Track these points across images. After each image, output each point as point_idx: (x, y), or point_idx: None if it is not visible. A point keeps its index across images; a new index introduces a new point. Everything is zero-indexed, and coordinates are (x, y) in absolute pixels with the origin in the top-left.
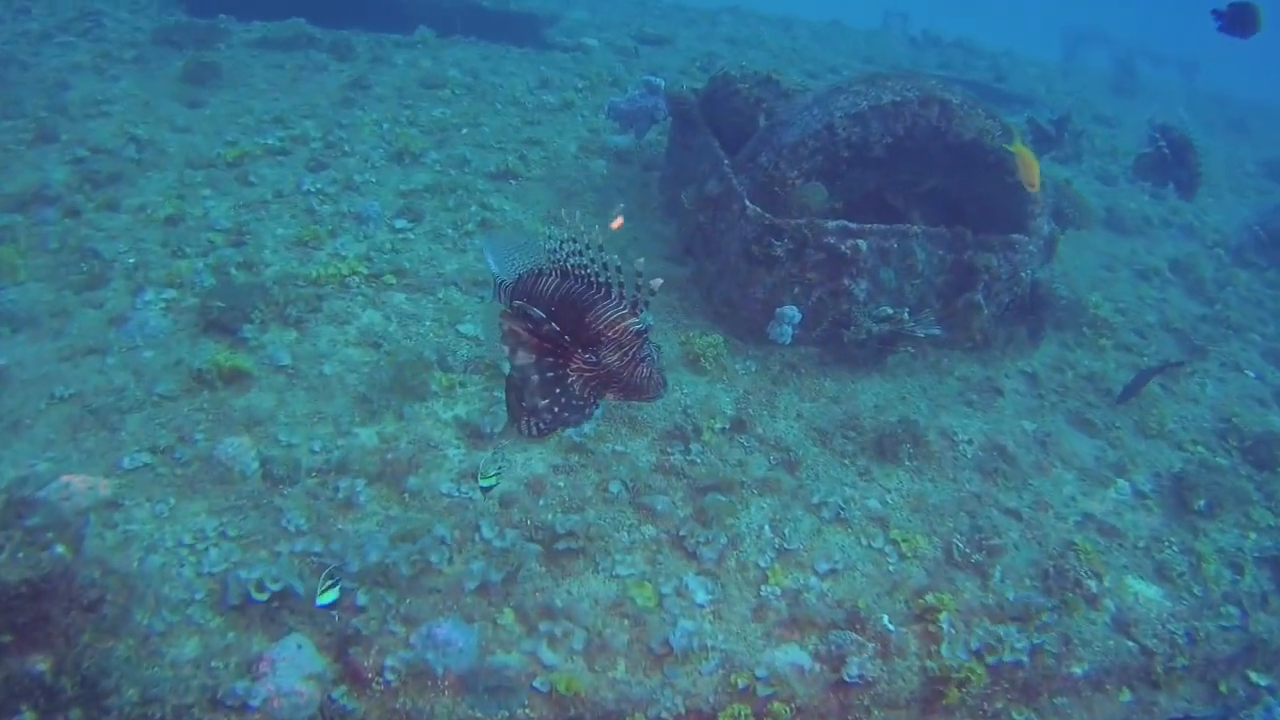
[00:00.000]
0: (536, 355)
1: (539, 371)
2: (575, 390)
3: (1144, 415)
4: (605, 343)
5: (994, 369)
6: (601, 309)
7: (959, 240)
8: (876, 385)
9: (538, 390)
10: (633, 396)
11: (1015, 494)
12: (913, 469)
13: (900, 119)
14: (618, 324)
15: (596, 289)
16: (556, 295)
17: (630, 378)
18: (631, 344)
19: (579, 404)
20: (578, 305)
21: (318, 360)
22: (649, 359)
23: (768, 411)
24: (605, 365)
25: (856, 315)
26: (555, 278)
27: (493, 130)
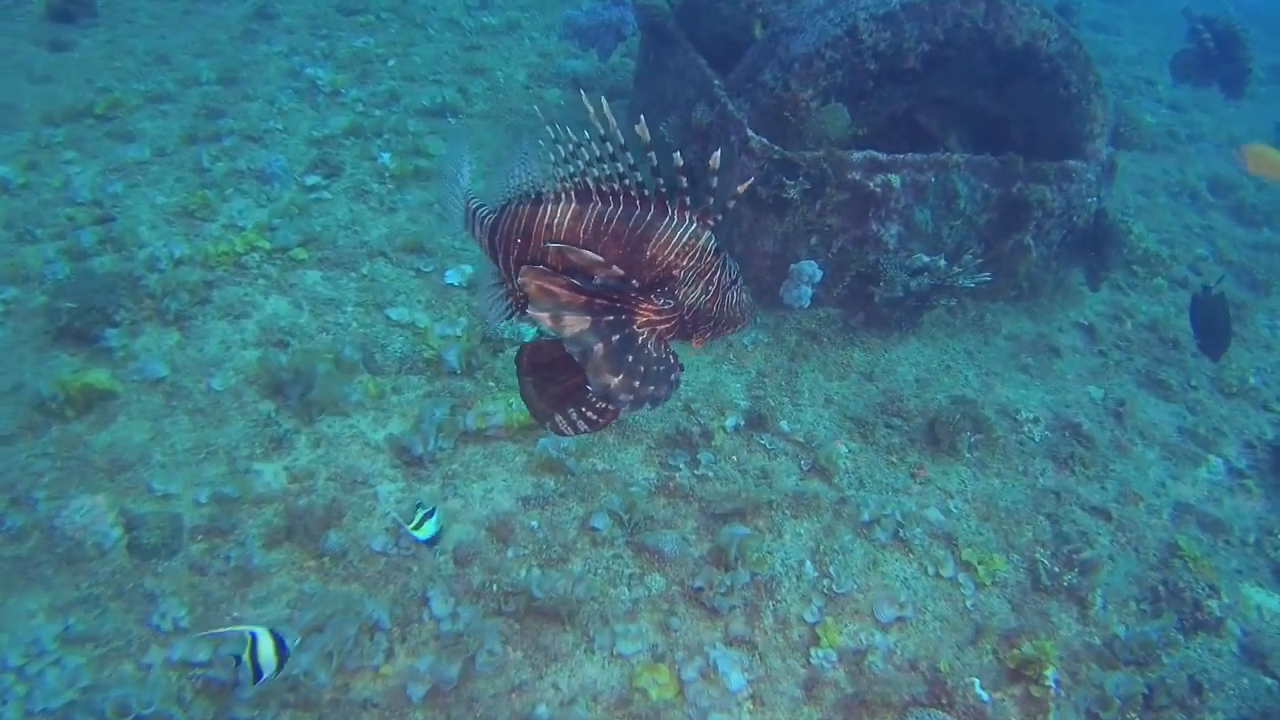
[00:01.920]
0: (592, 317)
1: (601, 338)
2: (652, 351)
3: (1218, 369)
4: (681, 275)
5: (1045, 322)
6: (664, 231)
7: (1008, 170)
8: (914, 352)
9: (604, 365)
10: (723, 332)
11: (1097, 485)
12: (975, 462)
13: (939, 20)
14: (692, 246)
15: (645, 204)
16: (583, 225)
17: (722, 311)
18: (713, 266)
19: (662, 368)
20: (627, 234)
21: (206, 370)
22: (737, 280)
23: (789, 398)
24: (690, 305)
25: (886, 267)
26: (570, 202)
27: (425, 60)
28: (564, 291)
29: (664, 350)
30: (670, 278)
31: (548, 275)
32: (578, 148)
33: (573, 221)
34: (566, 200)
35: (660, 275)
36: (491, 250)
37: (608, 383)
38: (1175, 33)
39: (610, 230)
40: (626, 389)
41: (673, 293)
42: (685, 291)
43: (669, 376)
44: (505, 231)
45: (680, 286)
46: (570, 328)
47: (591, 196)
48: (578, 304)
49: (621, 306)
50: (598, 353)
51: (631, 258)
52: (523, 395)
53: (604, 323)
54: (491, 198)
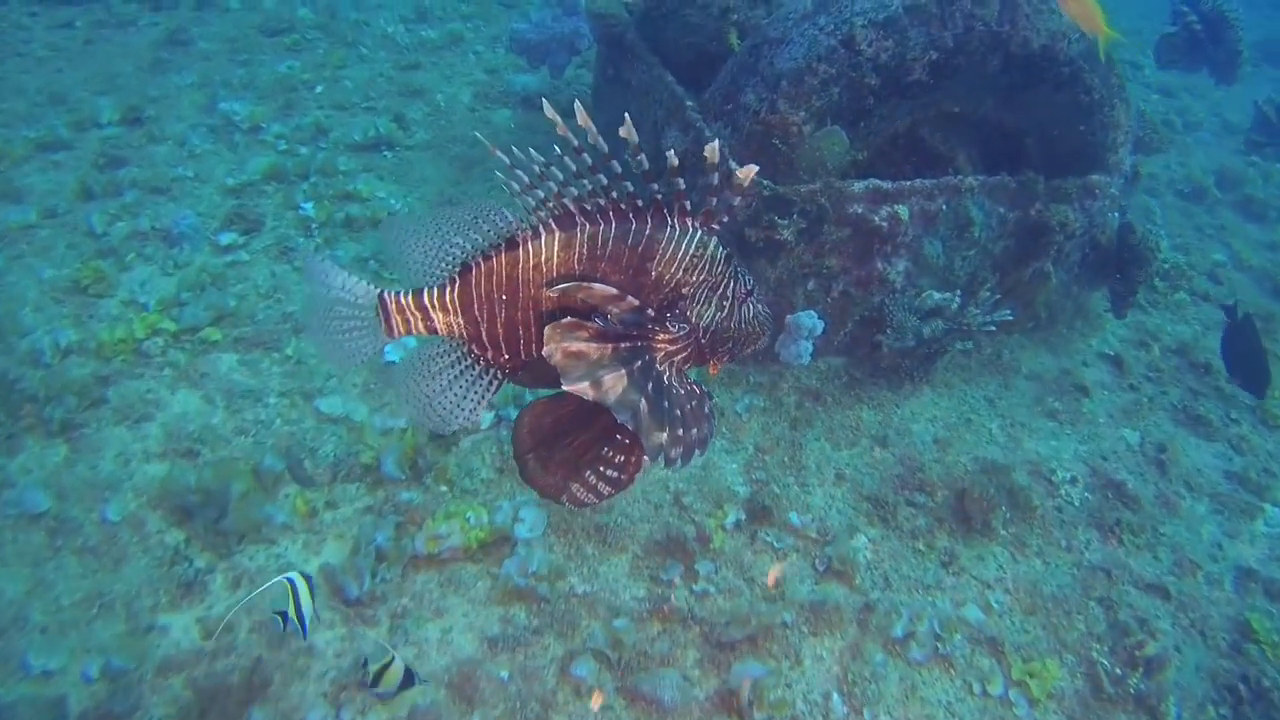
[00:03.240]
0: (625, 368)
1: (641, 391)
2: (678, 387)
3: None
4: (691, 293)
5: (1067, 355)
6: (667, 244)
7: (1027, 191)
8: (929, 405)
9: (651, 422)
10: (741, 351)
11: (1149, 555)
12: (1011, 540)
13: (948, 23)
14: (699, 255)
15: (639, 217)
16: (574, 254)
17: (739, 328)
18: (725, 277)
19: (695, 403)
20: (627, 254)
21: (99, 495)
22: (753, 290)
23: (794, 476)
24: (705, 326)
25: (894, 310)
26: (554, 232)
27: (358, 83)
28: (593, 347)
29: (686, 382)
30: (680, 297)
31: (571, 330)
32: (546, 167)
33: (563, 253)
34: (548, 231)
35: (669, 296)
36: (470, 324)
37: (659, 442)
38: (1156, 10)
39: (607, 253)
40: (674, 441)
41: (685, 314)
42: (698, 311)
43: (704, 410)
44: (482, 294)
45: (692, 306)
46: (612, 390)
47: (576, 219)
48: (609, 357)
49: (643, 345)
50: (643, 410)
51: (635, 281)
52: (526, 478)
53: (637, 370)
54: (424, 274)
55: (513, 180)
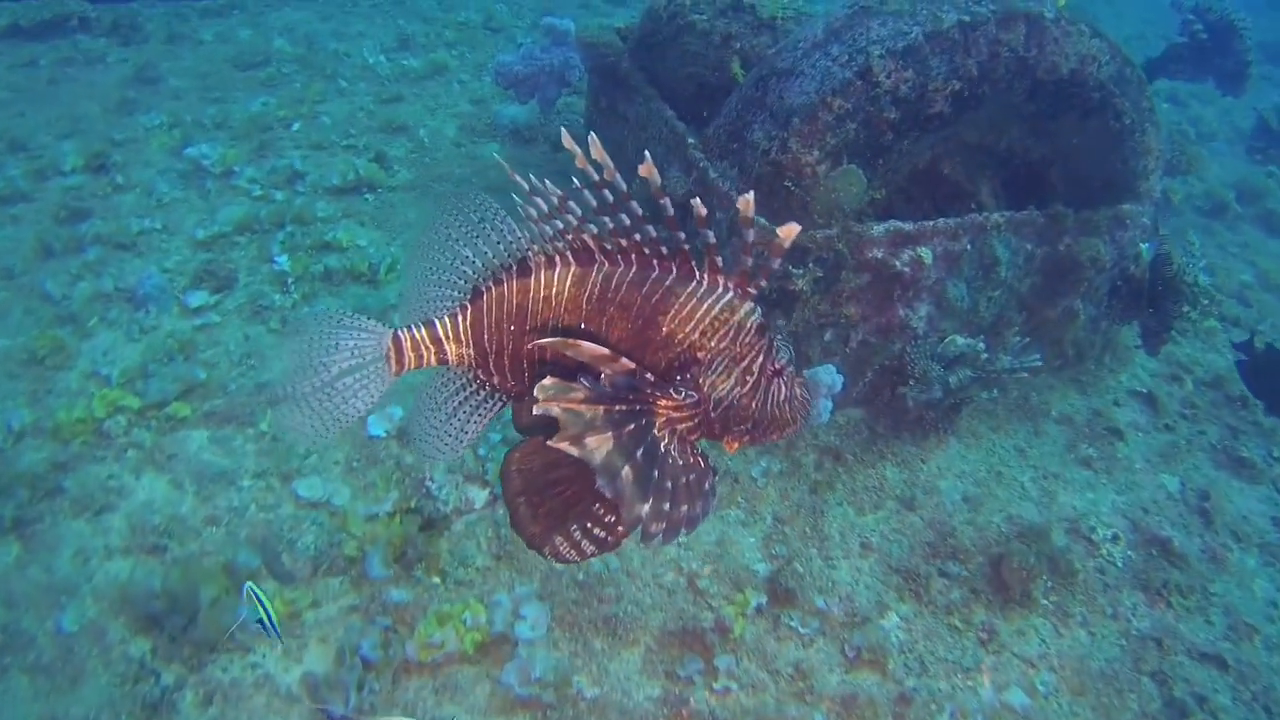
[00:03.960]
0: (614, 431)
1: (627, 457)
2: (676, 458)
3: None
4: (706, 359)
5: (1097, 394)
6: (687, 300)
7: (1055, 225)
8: (955, 458)
9: (634, 492)
10: (766, 437)
11: (1201, 619)
12: (1053, 610)
13: (972, 50)
14: (723, 319)
15: (664, 265)
16: (586, 292)
17: (763, 409)
18: (753, 349)
19: (693, 477)
20: (639, 303)
21: (53, 601)
22: (786, 368)
23: (817, 549)
24: (718, 399)
25: (916, 359)
26: (569, 265)
27: (336, 119)
28: (587, 406)
29: (690, 453)
30: (693, 361)
31: (567, 389)
32: (564, 201)
33: (574, 289)
34: (564, 263)
35: (680, 357)
36: (480, 354)
37: (639, 514)
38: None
39: (618, 298)
40: (658, 516)
41: (695, 382)
42: (712, 381)
43: (702, 487)
44: (492, 323)
45: (705, 374)
46: (598, 452)
47: (595, 256)
48: (600, 417)
49: (639, 408)
50: (626, 478)
51: (642, 334)
52: (512, 522)
53: (626, 435)
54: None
55: (530, 207)
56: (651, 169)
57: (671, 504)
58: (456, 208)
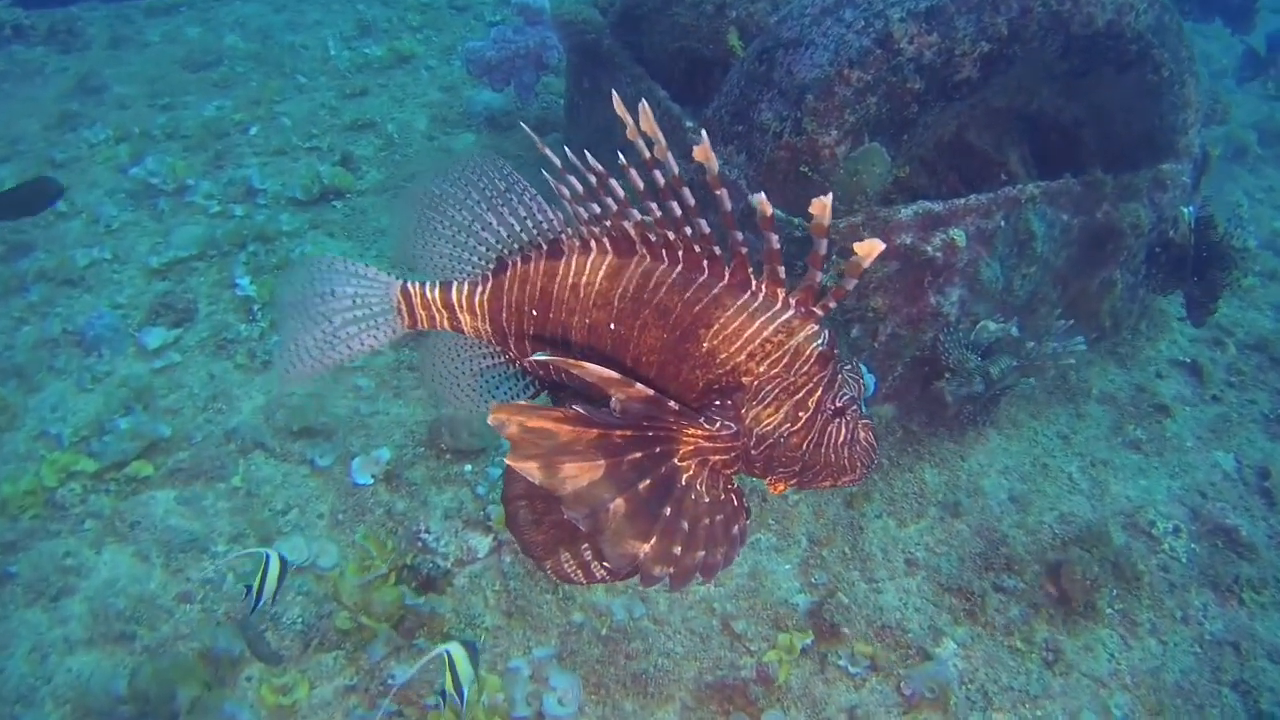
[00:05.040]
0: (607, 458)
1: (621, 487)
2: (701, 495)
3: None
4: (753, 386)
5: (1138, 367)
6: (736, 314)
7: (1093, 192)
8: (997, 453)
9: (627, 528)
10: (817, 483)
11: (1277, 614)
12: (1119, 619)
13: (1002, 7)
14: (777, 342)
15: (715, 268)
16: (619, 288)
17: (816, 451)
18: (811, 380)
19: (719, 518)
20: (679, 309)
21: (6, 713)
22: (849, 407)
23: (859, 571)
24: (762, 434)
25: (950, 349)
26: (605, 254)
27: (297, 119)
28: (565, 428)
29: (720, 488)
30: (737, 386)
31: (534, 411)
32: (605, 180)
33: (607, 282)
34: (600, 251)
35: (721, 379)
36: (497, 334)
37: (634, 552)
38: None
39: (656, 301)
40: (663, 558)
41: (736, 410)
42: (757, 413)
43: (728, 531)
44: (512, 303)
45: (750, 403)
46: (571, 480)
47: (636, 248)
48: (585, 442)
49: (654, 436)
50: (615, 512)
51: (679, 346)
52: (511, 527)
53: (627, 464)
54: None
55: (564, 185)
56: (709, 152)
57: (685, 547)
58: (480, 169)
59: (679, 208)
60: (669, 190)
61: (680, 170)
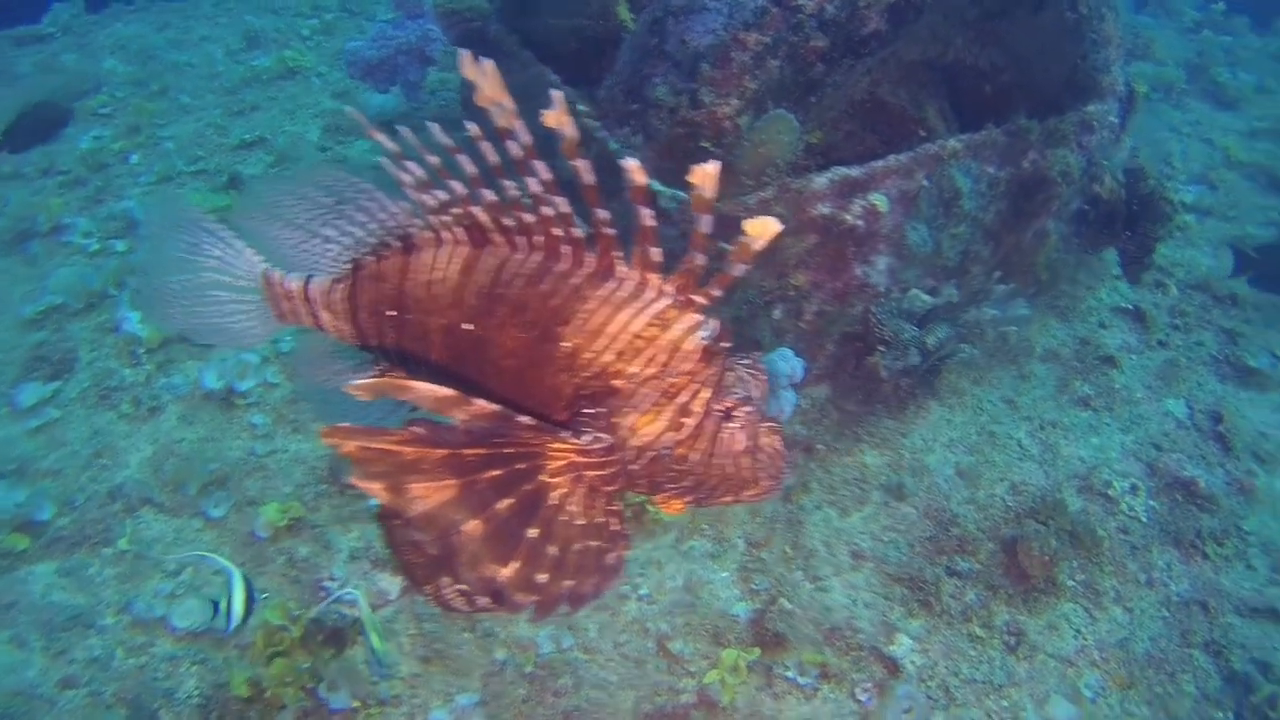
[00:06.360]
0: (460, 477)
1: (477, 508)
2: (574, 516)
3: None
4: (627, 390)
5: (1079, 319)
6: (598, 306)
7: (1018, 141)
8: (940, 426)
9: (485, 551)
10: (716, 499)
11: (1241, 566)
12: (1082, 590)
13: None
14: (648, 337)
15: (576, 255)
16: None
17: (709, 463)
18: (694, 379)
19: (591, 544)
20: (535, 305)
21: None
22: (741, 409)
23: (803, 570)
24: (641, 446)
25: (884, 321)
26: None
27: (181, 142)
28: (408, 449)
29: (598, 510)
30: (609, 391)
31: (372, 431)
32: (454, 155)
33: (460, 277)
34: (455, 242)
35: (590, 385)
36: (359, 335)
37: (492, 575)
38: None
39: (510, 296)
40: (525, 585)
41: (608, 420)
42: (634, 422)
43: (600, 560)
44: (369, 303)
45: (625, 410)
46: (420, 501)
47: (491, 236)
48: (433, 460)
49: (515, 453)
50: (471, 534)
51: (539, 348)
52: (388, 544)
53: (484, 483)
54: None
55: (402, 172)
56: (563, 116)
57: (552, 574)
58: (296, 190)
59: (535, 185)
60: (523, 165)
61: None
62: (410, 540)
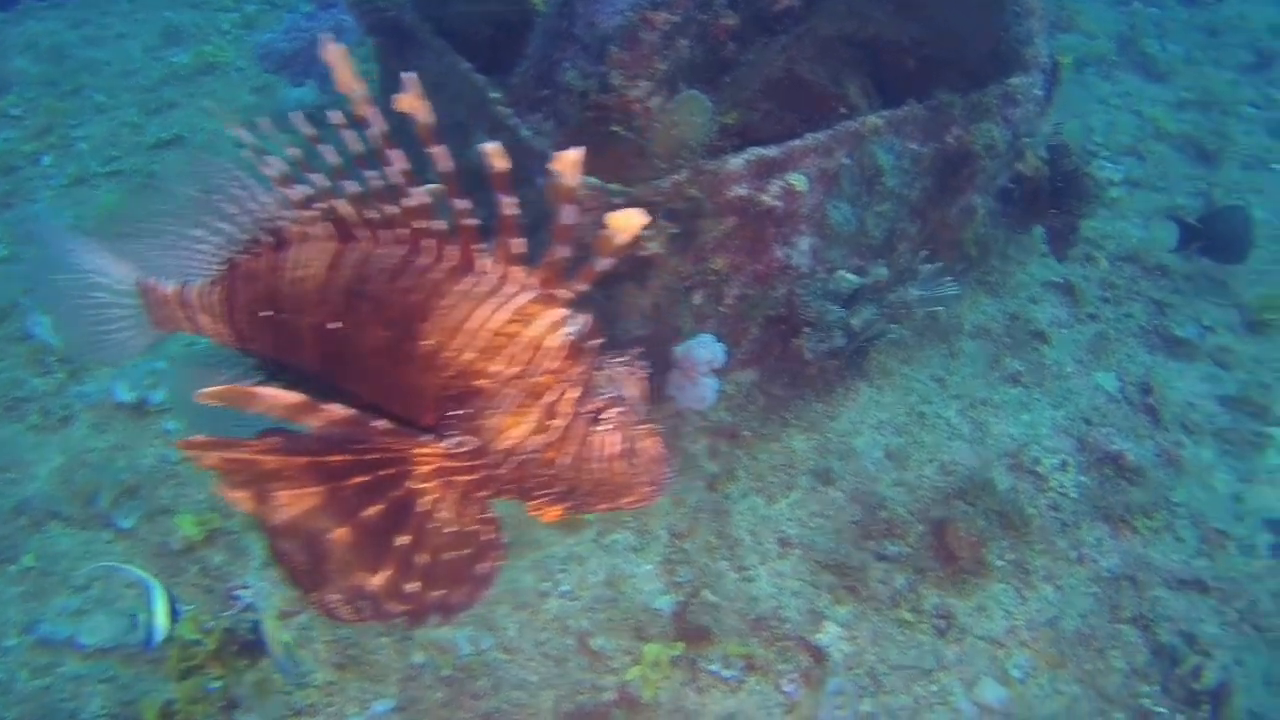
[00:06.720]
0: (325, 483)
1: (341, 515)
2: (445, 522)
3: (1225, 290)
4: (490, 390)
5: (1010, 294)
6: (457, 302)
7: (941, 116)
8: (869, 408)
9: (354, 558)
10: (592, 506)
11: (1170, 538)
12: (1012, 570)
13: None
14: (509, 334)
15: (439, 249)
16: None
17: (580, 467)
18: (560, 378)
19: (464, 554)
20: (395, 302)
21: None
22: (611, 410)
23: (729, 560)
24: (508, 449)
25: (808, 302)
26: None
27: (96, 142)
28: (269, 458)
29: (470, 517)
30: (473, 392)
31: (229, 441)
32: (316, 144)
33: (326, 274)
34: (323, 237)
35: (453, 385)
36: (238, 338)
37: (362, 584)
38: None
39: (371, 292)
40: (395, 594)
41: (473, 421)
42: (498, 423)
43: (469, 569)
44: (244, 304)
45: (489, 411)
46: (285, 509)
47: (356, 230)
48: (297, 467)
49: (382, 455)
50: (339, 541)
51: (400, 348)
52: (270, 553)
53: (350, 489)
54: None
55: (266, 168)
56: (416, 100)
57: (423, 583)
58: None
59: (395, 176)
60: (383, 154)
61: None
62: (284, 549)
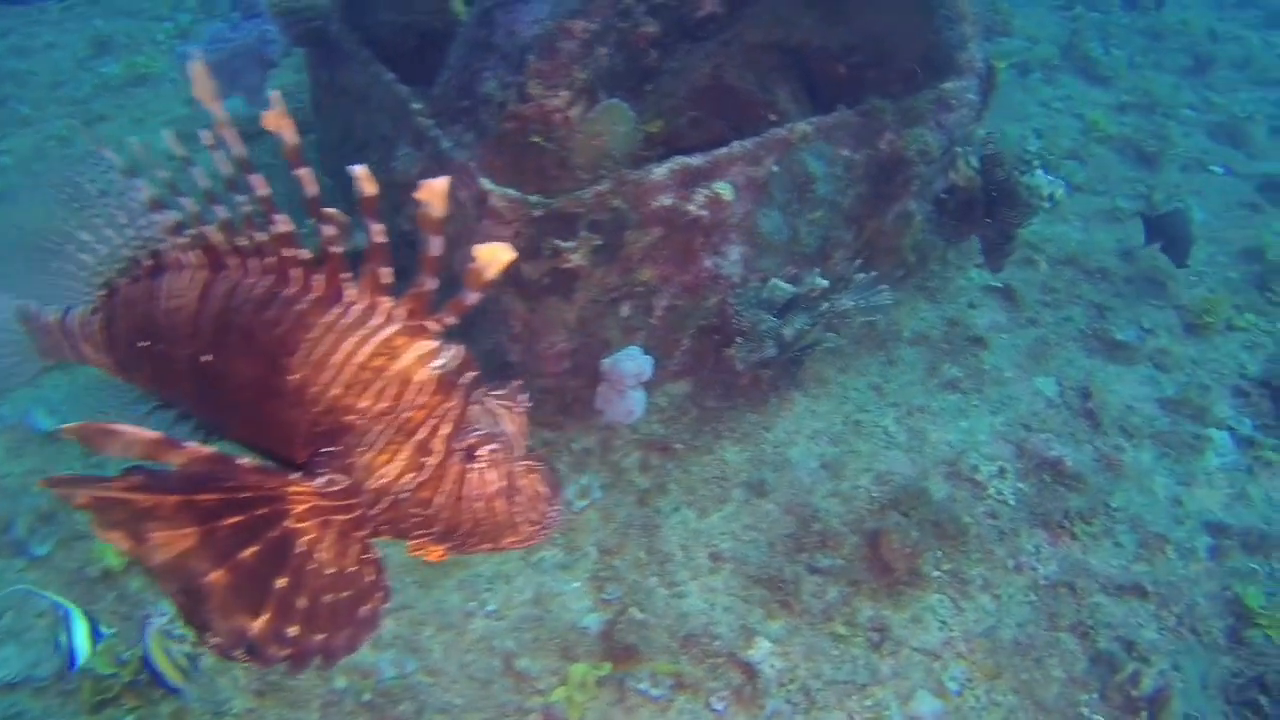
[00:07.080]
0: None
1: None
2: (324, 564)
3: (1160, 291)
4: (360, 427)
5: (949, 300)
6: (322, 335)
7: (873, 122)
8: (804, 417)
9: (232, 601)
10: (471, 547)
11: (1109, 543)
12: (949, 580)
13: None
14: (376, 368)
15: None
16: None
17: (455, 507)
18: (431, 413)
19: (344, 595)
20: (261, 336)
21: None
22: (490, 448)
23: (658, 576)
24: (380, 488)
25: (741, 311)
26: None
27: (21, 156)
28: (139, 497)
29: (350, 559)
30: (343, 428)
31: (98, 480)
32: (186, 166)
33: (198, 304)
34: (199, 265)
35: (324, 421)
36: (120, 368)
37: (243, 628)
38: None
39: (240, 324)
40: (276, 638)
41: (343, 459)
42: (370, 461)
43: (353, 612)
44: (124, 332)
45: (360, 449)
46: (162, 550)
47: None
48: (170, 507)
49: (254, 494)
50: (216, 584)
51: (269, 382)
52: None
53: (225, 530)
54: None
55: (136, 192)
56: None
57: (305, 623)
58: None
59: (258, 204)
60: (238, 182)
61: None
62: (168, 590)
